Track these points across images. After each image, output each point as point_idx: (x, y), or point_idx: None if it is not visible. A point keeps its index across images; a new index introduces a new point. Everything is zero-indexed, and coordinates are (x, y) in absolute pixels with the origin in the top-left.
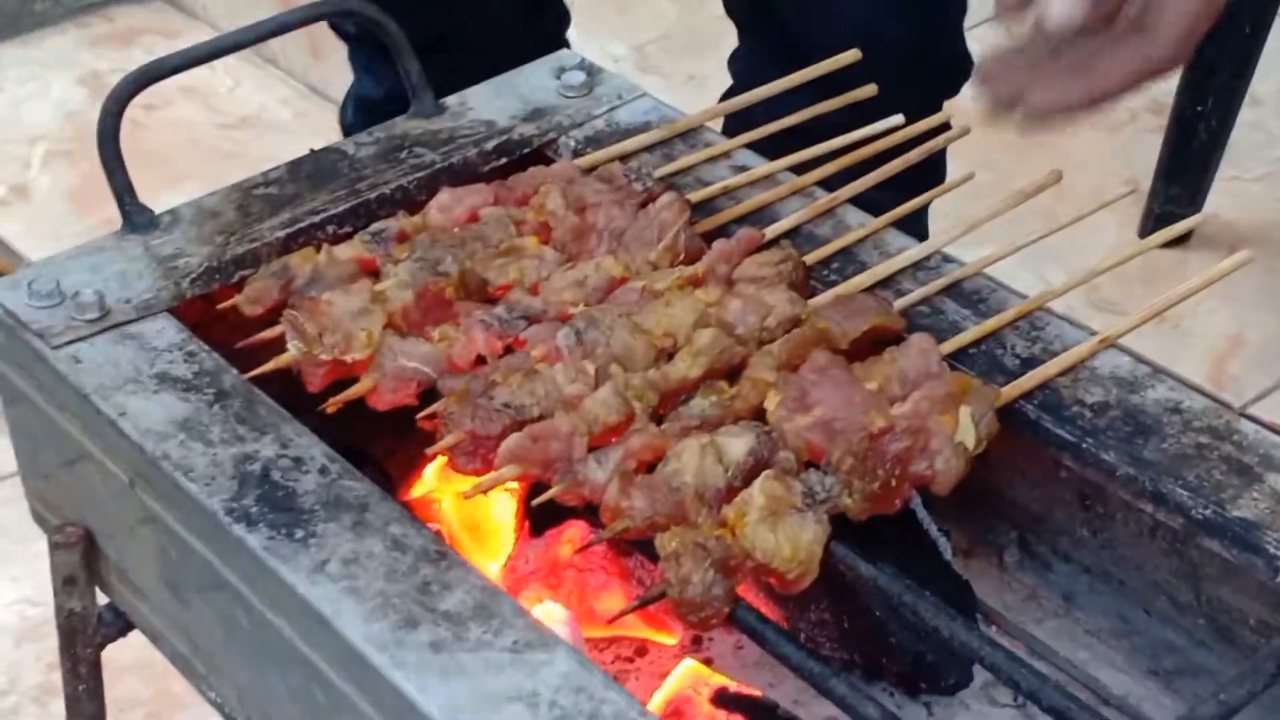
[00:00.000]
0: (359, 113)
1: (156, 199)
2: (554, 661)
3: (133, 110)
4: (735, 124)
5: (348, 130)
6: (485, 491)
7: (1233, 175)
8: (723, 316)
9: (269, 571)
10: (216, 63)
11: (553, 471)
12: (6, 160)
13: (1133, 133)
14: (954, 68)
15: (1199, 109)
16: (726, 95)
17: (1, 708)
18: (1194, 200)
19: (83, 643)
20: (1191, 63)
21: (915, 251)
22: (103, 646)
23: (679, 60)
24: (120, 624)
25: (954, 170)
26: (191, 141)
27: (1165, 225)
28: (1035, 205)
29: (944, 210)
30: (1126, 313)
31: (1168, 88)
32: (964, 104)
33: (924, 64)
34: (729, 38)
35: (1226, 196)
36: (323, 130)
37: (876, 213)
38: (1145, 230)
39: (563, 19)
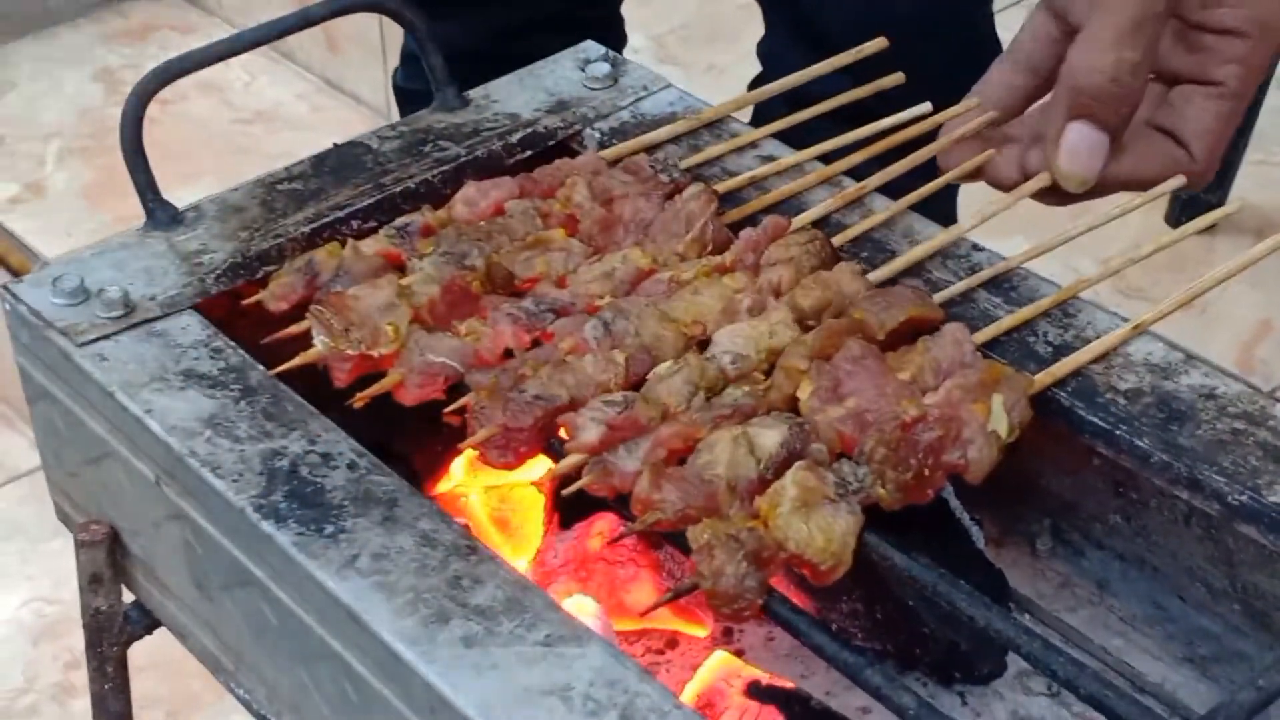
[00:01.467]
0: (408, 74)
1: (171, 195)
2: (587, 655)
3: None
4: (763, 111)
5: (400, 93)
6: (556, 484)
7: (1259, 159)
8: (799, 303)
9: (298, 568)
10: (232, 58)
11: None
12: (22, 157)
13: None
14: (977, 49)
15: None
16: (755, 82)
17: (20, 706)
18: (1220, 184)
19: (108, 641)
20: None
21: (945, 237)
22: (129, 644)
23: (698, 50)
24: (146, 622)
25: None
26: (207, 137)
27: (1191, 210)
28: None
29: (968, 193)
30: (1153, 298)
31: None
32: None
33: (941, 42)
34: (749, 27)
35: (1253, 180)
36: (339, 124)
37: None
38: (1171, 214)
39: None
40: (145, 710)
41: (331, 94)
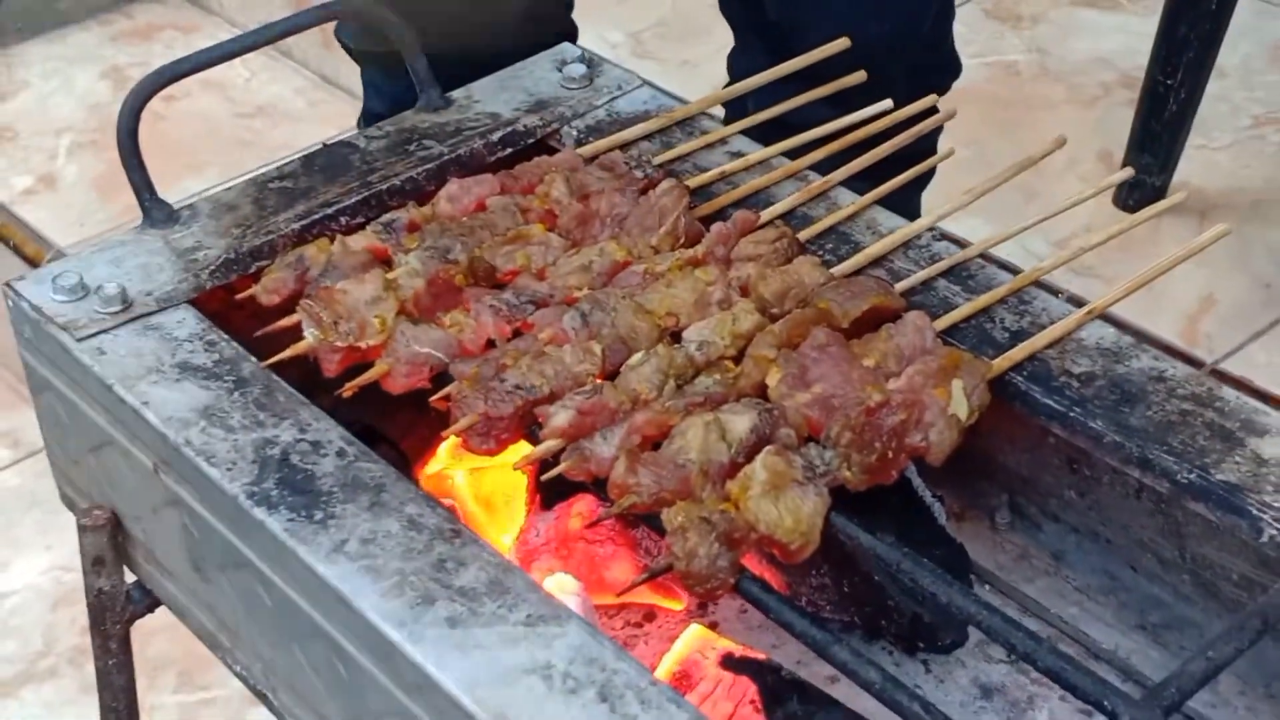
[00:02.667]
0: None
1: (179, 186)
2: (567, 634)
3: (154, 102)
4: (733, 117)
5: None
6: (535, 463)
7: (1201, 144)
8: (761, 293)
9: (289, 552)
10: (217, 64)
11: None
12: (34, 151)
13: (1106, 106)
14: (940, 67)
15: (1169, 82)
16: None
17: (40, 669)
18: (1165, 169)
19: (112, 619)
20: (1163, 38)
21: (907, 230)
22: (131, 622)
23: (674, 46)
24: (147, 601)
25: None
26: (211, 131)
27: (1138, 193)
28: (1011, 179)
29: (941, 192)
30: (1103, 276)
31: (1141, 63)
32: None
33: (907, 63)
34: (720, 25)
35: (1195, 164)
36: (335, 118)
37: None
38: (1119, 198)
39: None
40: (159, 671)
41: (327, 89)
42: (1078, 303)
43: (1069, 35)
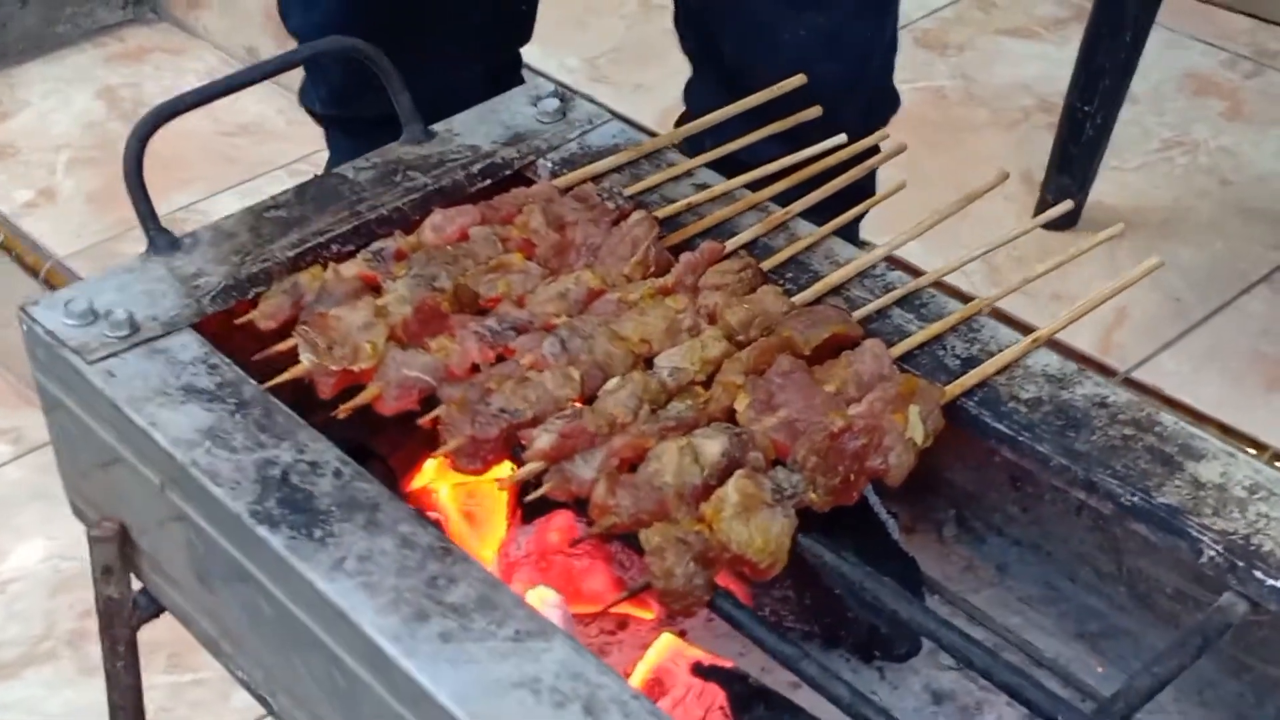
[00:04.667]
0: None
1: (169, 198)
2: (553, 649)
3: None
4: (690, 149)
5: None
6: (518, 484)
7: (1115, 165)
8: (728, 321)
9: (290, 568)
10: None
11: None
12: (35, 167)
13: (1027, 129)
14: (882, 101)
15: (1086, 108)
16: (680, 122)
17: (40, 651)
18: (1082, 189)
19: (120, 624)
20: (1082, 68)
21: (862, 260)
22: (138, 628)
23: (627, 71)
24: (154, 608)
25: (882, 180)
26: (199, 148)
27: (1068, 221)
28: (941, 196)
29: (879, 212)
30: (1027, 290)
31: (1059, 89)
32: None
33: (854, 97)
34: (672, 51)
35: (1110, 184)
36: (312, 138)
37: (819, 224)
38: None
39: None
40: (151, 654)
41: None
42: (1004, 317)
43: (992, 62)
